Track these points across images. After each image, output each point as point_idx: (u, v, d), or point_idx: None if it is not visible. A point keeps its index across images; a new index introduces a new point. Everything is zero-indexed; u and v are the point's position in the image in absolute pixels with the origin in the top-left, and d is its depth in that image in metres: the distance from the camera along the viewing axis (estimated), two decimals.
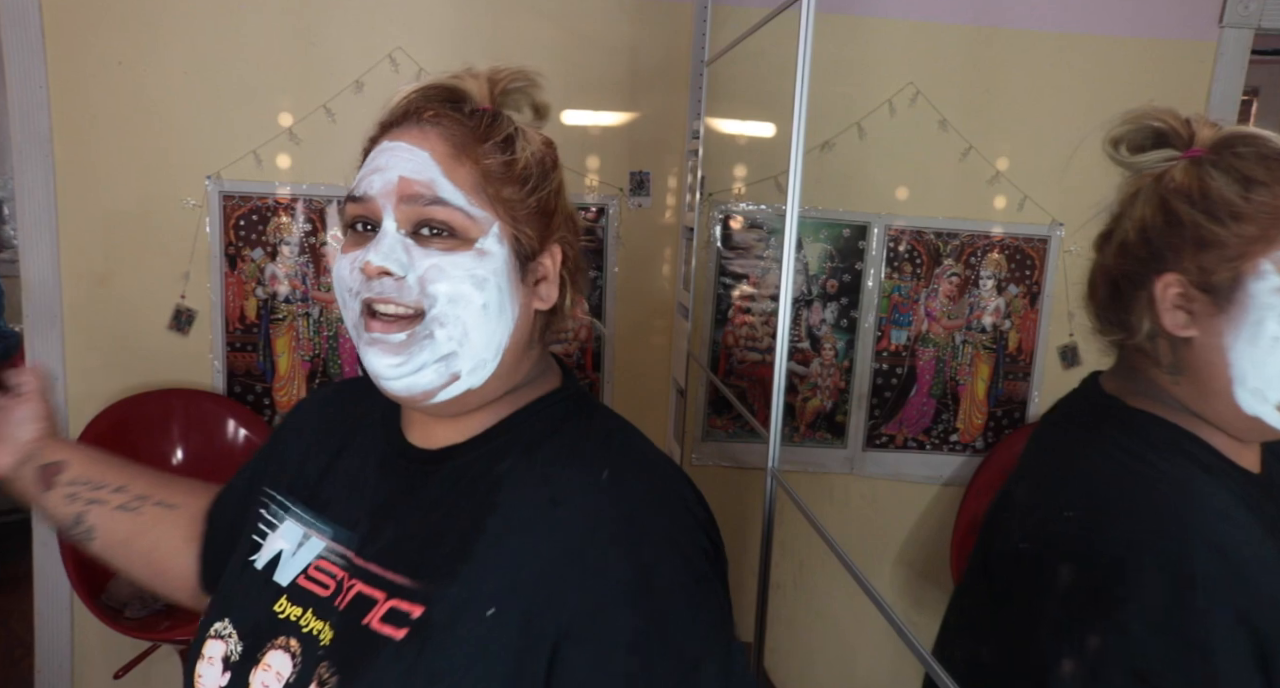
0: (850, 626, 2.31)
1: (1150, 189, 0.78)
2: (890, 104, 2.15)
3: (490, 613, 0.61)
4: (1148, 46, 2.17)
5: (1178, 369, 0.77)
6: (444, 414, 0.72)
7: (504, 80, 0.73)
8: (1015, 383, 2.29)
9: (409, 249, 0.67)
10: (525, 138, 0.71)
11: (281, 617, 0.69)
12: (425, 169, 0.67)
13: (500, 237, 0.68)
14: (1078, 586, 0.71)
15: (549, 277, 0.72)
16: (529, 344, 0.73)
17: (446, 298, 0.66)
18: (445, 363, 0.67)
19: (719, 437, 2.30)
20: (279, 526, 0.76)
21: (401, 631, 0.63)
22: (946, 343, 2.27)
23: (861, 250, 2.23)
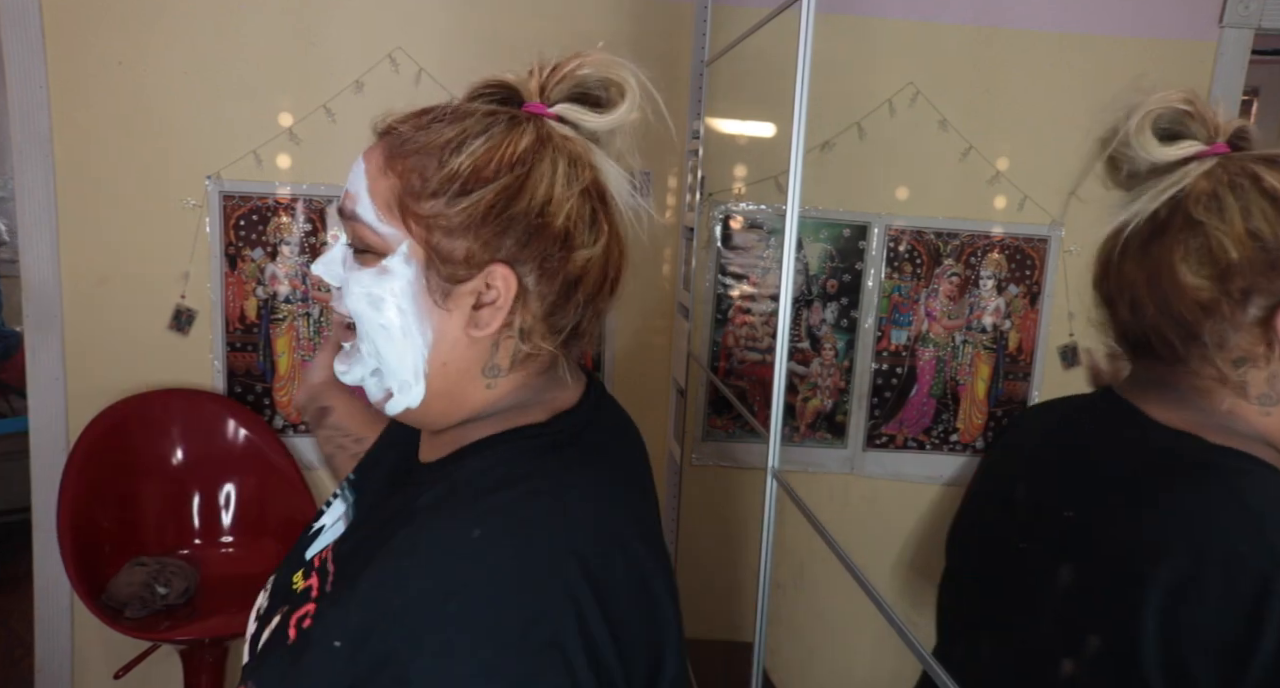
0: (850, 626, 2.31)
1: (1252, 198, 0.69)
2: (890, 104, 2.15)
3: (337, 645, 0.59)
4: (1148, 46, 2.17)
5: (1274, 401, 0.70)
6: (423, 428, 0.73)
7: (549, 74, 0.67)
8: (1015, 383, 2.29)
9: (347, 262, 0.67)
10: (467, 145, 0.63)
11: (293, 587, 0.70)
12: (358, 183, 0.66)
13: (409, 256, 0.64)
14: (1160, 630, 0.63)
15: (498, 301, 0.64)
16: (478, 369, 0.67)
17: (356, 314, 0.66)
18: (378, 378, 0.67)
19: (719, 437, 2.30)
20: (333, 503, 0.81)
21: (293, 633, 0.64)
22: (946, 343, 2.27)
23: (861, 250, 2.23)
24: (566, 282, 0.66)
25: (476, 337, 0.65)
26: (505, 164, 0.63)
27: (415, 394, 0.66)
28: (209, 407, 2.10)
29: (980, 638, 0.86)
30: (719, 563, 2.25)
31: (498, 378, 0.68)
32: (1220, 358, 0.70)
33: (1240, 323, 0.69)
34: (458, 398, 0.67)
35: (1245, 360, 0.69)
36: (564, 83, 0.67)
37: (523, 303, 0.65)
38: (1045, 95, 2.17)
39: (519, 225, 0.63)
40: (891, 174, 2.22)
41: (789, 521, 1.29)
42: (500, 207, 0.63)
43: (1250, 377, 0.69)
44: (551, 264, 0.65)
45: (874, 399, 2.28)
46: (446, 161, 0.63)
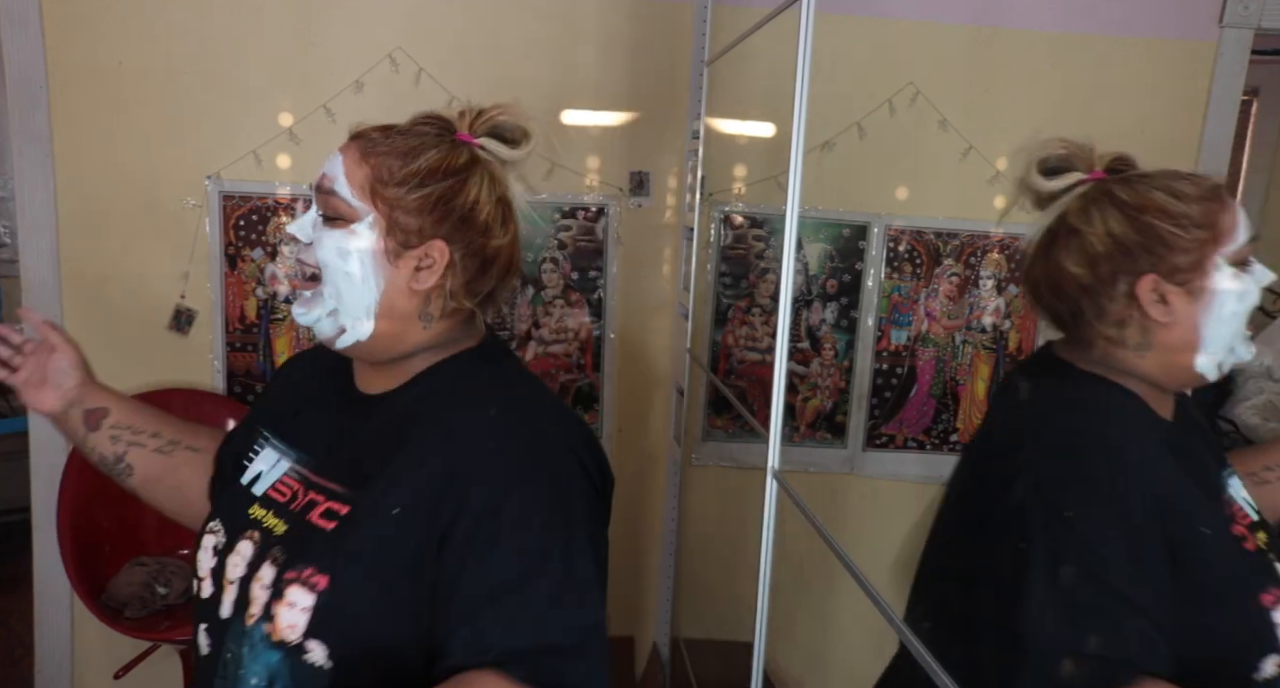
0: (850, 626, 2.30)
1: (1105, 207, 0.95)
2: (890, 104, 2.15)
3: (395, 512, 0.82)
4: (1148, 46, 2.17)
5: (1146, 347, 0.95)
6: (367, 362, 0.93)
7: (476, 116, 0.92)
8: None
9: (316, 226, 0.89)
10: (422, 155, 0.88)
11: (252, 517, 0.90)
12: (336, 168, 0.89)
13: (372, 224, 0.87)
14: (1048, 505, 0.88)
15: (433, 266, 0.88)
16: (416, 314, 0.90)
17: (324, 263, 0.87)
18: (333, 318, 0.88)
19: (719, 437, 2.29)
20: (261, 453, 0.97)
21: (332, 523, 0.84)
22: (946, 343, 2.27)
23: (861, 250, 2.23)
24: (484, 260, 0.91)
25: (416, 289, 0.88)
26: (450, 171, 0.88)
27: (365, 329, 0.88)
28: (209, 407, 2.09)
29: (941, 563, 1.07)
30: (719, 563, 2.25)
31: (431, 323, 0.91)
32: (1103, 322, 0.96)
33: (1114, 296, 0.94)
34: (400, 335, 0.90)
35: (1124, 322, 0.95)
36: (486, 123, 0.92)
37: (452, 271, 0.89)
38: (1045, 95, 2.17)
39: (455, 215, 0.89)
40: (891, 174, 2.22)
41: (789, 521, 1.29)
42: (445, 199, 0.88)
43: (1128, 333, 0.95)
44: (474, 246, 0.90)
45: (874, 399, 2.28)
46: (409, 163, 0.87)
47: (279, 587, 0.82)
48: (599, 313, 2.22)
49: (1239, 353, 0.95)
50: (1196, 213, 0.92)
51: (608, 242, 2.20)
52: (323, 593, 0.80)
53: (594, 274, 2.21)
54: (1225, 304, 0.92)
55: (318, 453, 0.92)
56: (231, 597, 0.86)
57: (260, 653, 0.81)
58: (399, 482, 0.83)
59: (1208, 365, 0.94)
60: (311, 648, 0.79)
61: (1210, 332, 0.92)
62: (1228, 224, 0.92)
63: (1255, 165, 3.95)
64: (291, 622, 0.80)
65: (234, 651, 0.84)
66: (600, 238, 2.20)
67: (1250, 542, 0.94)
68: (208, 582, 0.90)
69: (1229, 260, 0.92)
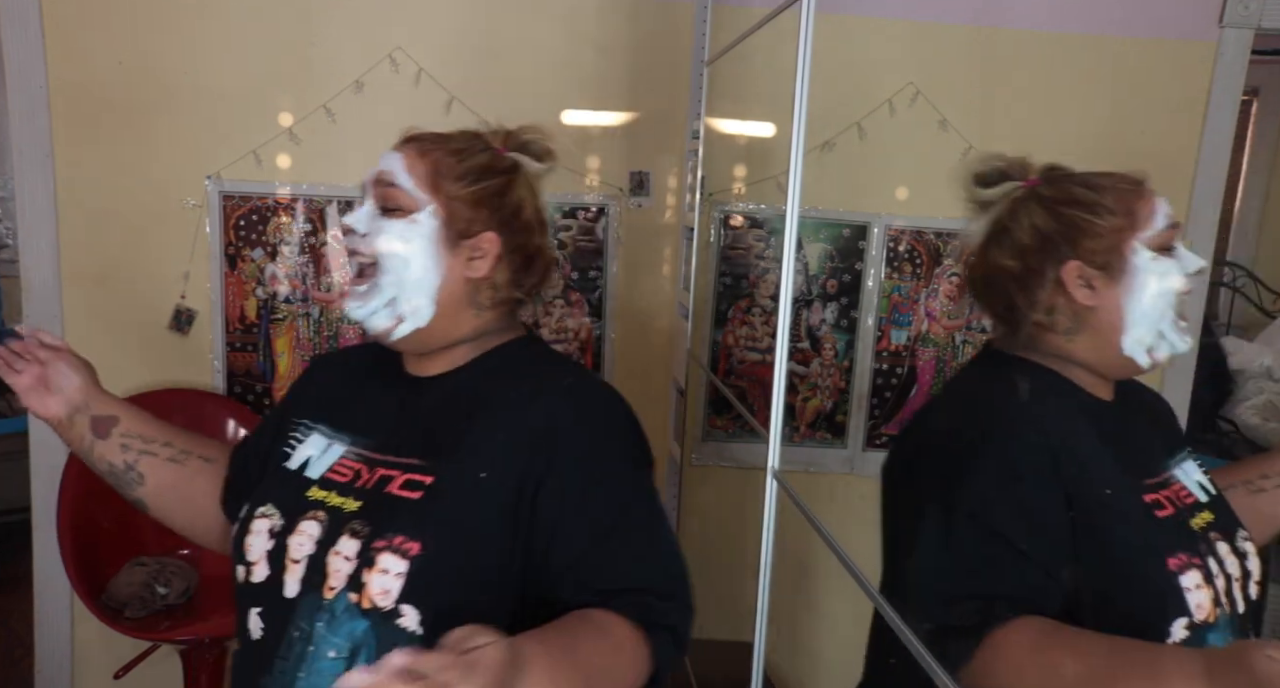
0: (850, 626, 2.30)
1: (1030, 205, 1.02)
2: (890, 104, 2.15)
3: (483, 476, 0.88)
4: (1148, 46, 2.17)
5: (1076, 330, 1.01)
6: (420, 351, 0.98)
7: (508, 134, 1.01)
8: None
9: (374, 218, 0.94)
10: (475, 156, 0.96)
11: (312, 499, 0.92)
12: (393, 163, 0.95)
13: (433, 213, 0.93)
14: (947, 463, 0.96)
15: (485, 256, 0.95)
16: (469, 301, 0.96)
17: (384, 251, 0.92)
18: (391, 307, 0.93)
19: (719, 437, 2.29)
20: (305, 440, 1.00)
21: (417, 493, 0.88)
22: (947, 343, 2.27)
23: (861, 250, 2.23)
24: (527, 256, 0.99)
25: (470, 277, 0.95)
26: (499, 171, 0.98)
27: (425, 315, 0.93)
28: (209, 407, 2.09)
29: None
30: (719, 563, 2.25)
31: (481, 311, 0.98)
32: (1035, 310, 1.01)
33: (1043, 283, 1.00)
34: (455, 320, 0.96)
35: (1053, 307, 1.00)
36: (517, 141, 1.01)
37: (501, 263, 0.97)
38: (1045, 95, 2.17)
39: (505, 211, 0.97)
40: (891, 174, 2.21)
41: (789, 521, 1.29)
42: (497, 195, 0.96)
43: (1058, 318, 1.01)
44: (519, 242, 0.98)
45: (874, 399, 2.28)
46: (465, 160, 0.95)
47: (368, 555, 0.85)
48: (599, 313, 2.22)
49: (1173, 342, 0.99)
50: (1111, 201, 0.98)
51: (608, 242, 2.20)
52: (416, 558, 0.84)
53: (594, 274, 2.21)
54: (1145, 287, 0.97)
55: (378, 433, 0.96)
56: (298, 575, 0.88)
57: (343, 624, 0.84)
58: (482, 448, 0.90)
59: (1135, 348, 0.99)
60: (405, 612, 0.83)
61: (1133, 313, 0.98)
62: (1144, 211, 0.98)
63: (1255, 165, 3.95)
64: (385, 588, 0.83)
65: (304, 627, 0.86)
66: (600, 238, 2.20)
67: (1167, 510, 0.98)
68: (261, 565, 0.91)
69: (1148, 246, 0.97)
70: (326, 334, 2.14)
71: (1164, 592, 0.90)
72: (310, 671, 0.85)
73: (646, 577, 0.87)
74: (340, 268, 2.11)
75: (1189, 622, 0.89)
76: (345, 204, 2.09)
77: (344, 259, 2.11)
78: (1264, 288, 3.69)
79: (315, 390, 1.08)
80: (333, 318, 2.13)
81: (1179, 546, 0.94)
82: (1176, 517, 0.98)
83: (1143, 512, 0.96)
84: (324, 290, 2.12)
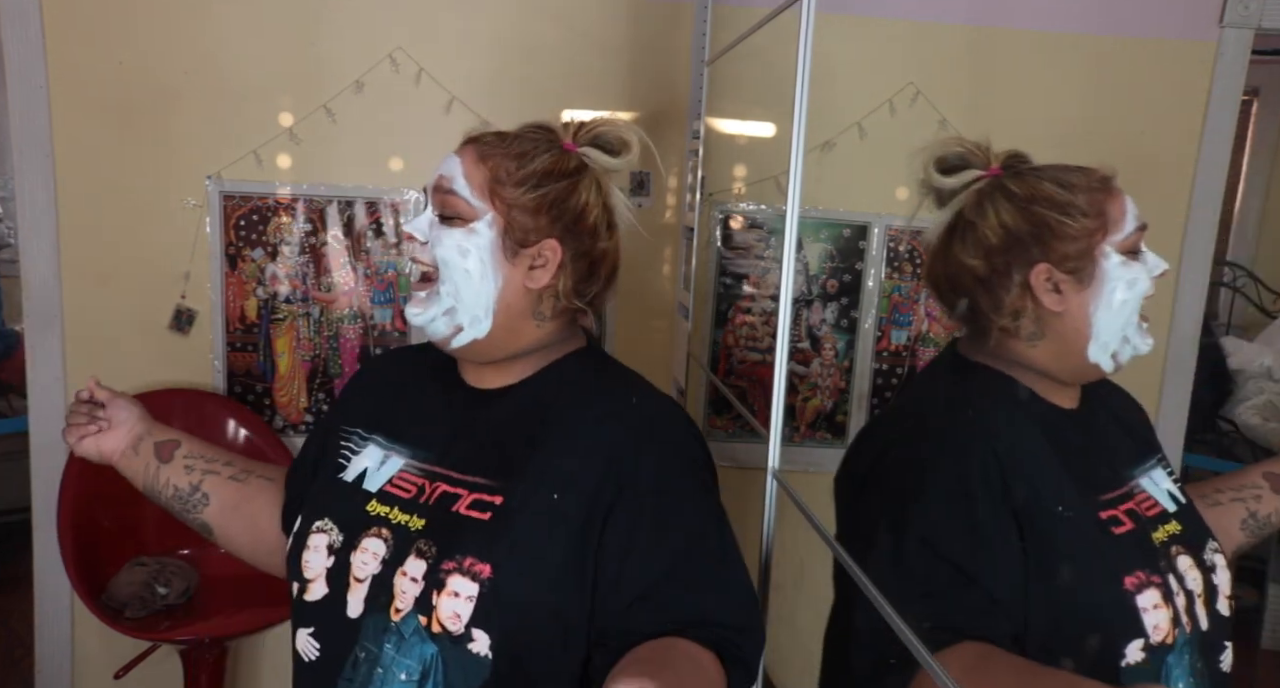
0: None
1: (998, 200, 0.97)
2: (890, 104, 2.15)
3: (555, 497, 0.85)
4: (1148, 46, 2.17)
5: (1039, 336, 0.97)
6: (479, 361, 0.95)
7: (579, 127, 0.96)
8: None
9: (433, 226, 0.92)
10: (536, 158, 0.91)
11: (373, 514, 0.90)
12: (454, 169, 0.91)
13: (491, 223, 0.90)
14: (898, 483, 0.94)
15: (546, 265, 0.91)
16: (531, 312, 0.93)
17: (443, 260, 0.90)
18: (450, 316, 0.90)
19: (719, 437, 2.29)
20: (361, 451, 0.97)
21: (486, 514, 0.86)
22: (947, 343, 2.27)
23: (861, 250, 2.23)
24: (592, 262, 0.94)
25: (530, 287, 0.91)
26: (563, 173, 0.92)
27: (484, 327, 0.91)
28: (209, 407, 2.10)
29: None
30: None
31: (544, 322, 0.94)
32: (999, 314, 0.97)
33: (1009, 286, 0.96)
34: (515, 332, 0.93)
35: (1017, 312, 0.96)
36: (589, 134, 0.95)
37: (564, 271, 0.92)
38: (1045, 95, 2.17)
39: (568, 216, 0.92)
40: (891, 174, 2.21)
41: (789, 521, 1.29)
42: (559, 201, 0.91)
43: (1022, 323, 0.96)
44: (583, 248, 0.93)
45: (874, 399, 2.28)
46: (525, 165, 0.90)
47: (437, 577, 0.83)
48: (599, 313, 2.22)
49: (1135, 344, 0.96)
50: (1084, 202, 0.94)
51: None
52: (486, 581, 0.82)
53: None
54: (1115, 292, 0.93)
55: (436, 447, 0.94)
56: (362, 595, 0.86)
57: (413, 646, 0.82)
58: (553, 467, 0.87)
59: (1100, 354, 0.95)
60: (476, 637, 0.81)
61: (1100, 320, 0.94)
62: (1116, 213, 0.94)
63: (1255, 165, 3.95)
64: (455, 611, 0.82)
65: (371, 649, 0.84)
66: None
67: (1126, 526, 0.94)
68: (319, 583, 0.90)
69: (1118, 249, 0.94)
70: (327, 334, 2.13)
71: (1119, 613, 0.88)
72: None
73: (722, 609, 0.84)
74: (340, 268, 2.11)
75: (1145, 644, 0.87)
76: (345, 204, 2.09)
77: (344, 259, 2.11)
78: (1264, 288, 3.69)
79: (368, 397, 1.04)
80: (333, 318, 2.13)
81: (1137, 563, 0.91)
82: (1137, 532, 0.94)
83: (1098, 529, 0.92)
84: (324, 290, 2.12)
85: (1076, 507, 0.92)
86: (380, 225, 2.11)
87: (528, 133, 0.94)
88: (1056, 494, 0.91)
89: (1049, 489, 0.91)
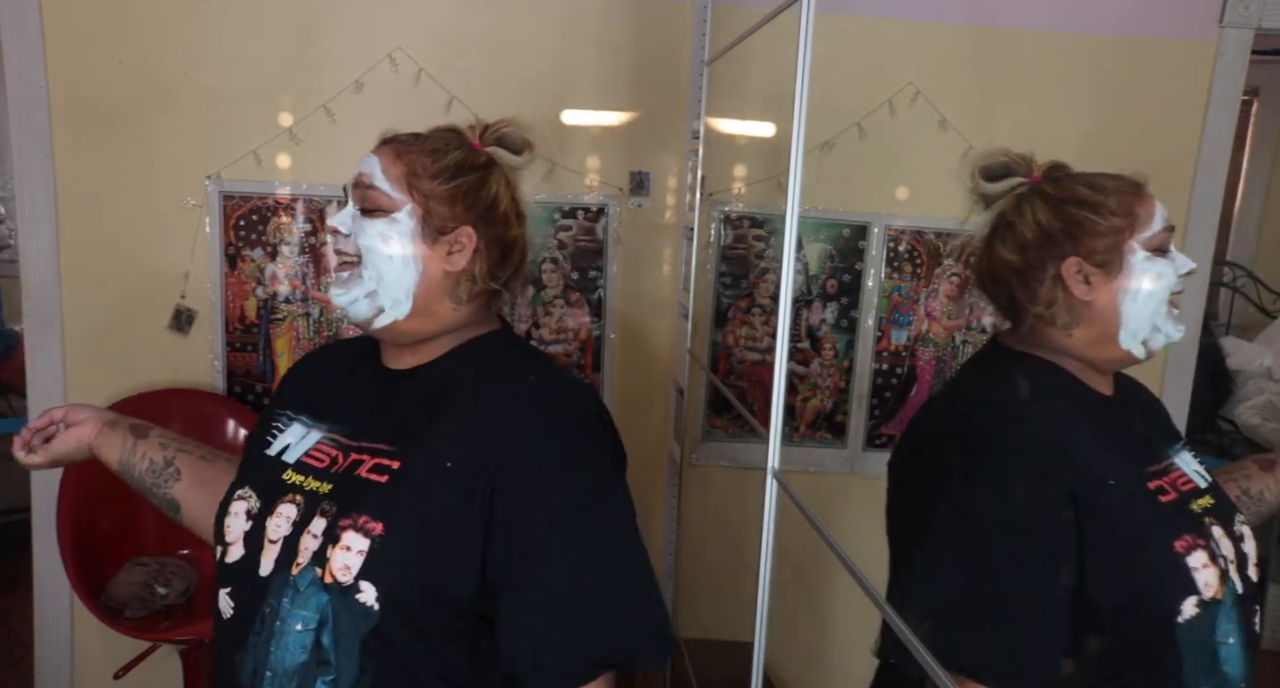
0: (850, 626, 2.30)
1: (1035, 201, 1.06)
2: (890, 104, 2.15)
3: (449, 466, 0.90)
4: (1148, 46, 2.17)
5: (1074, 324, 1.04)
6: (400, 343, 1.01)
7: (485, 129, 1.04)
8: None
9: (356, 219, 0.99)
10: (449, 154, 0.99)
11: (289, 482, 0.96)
12: (371, 166, 0.99)
13: (410, 212, 0.97)
14: (954, 464, 0.99)
15: (463, 250, 0.98)
16: (448, 294, 0.99)
17: (367, 248, 0.97)
18: (371, 299, 0.97)
19: (719, 437, 2.29)
20: (286, 429, 1.04)
21: (384, 477, 0.91)
22: (947, 343, 2.27)
23: (861, 250, 2.23)
24: (504, 247, 1.02)
25: (449, 271, 0.98)
26: (474, 167, 1.01)
27: (404, 308, 0.97)
28: (209, 407, 2.10)
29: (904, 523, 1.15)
30: (719, 563, 2.25)
31: (460, 305, 1.00)
32: (1035, 303, 1.06)
33: (1043, 278, 1.05)
34: (433, 313, 0.99)
35: (1052, 301, 1.04)
36: (494, 135, 1.03)
37: (479, 256, 0.99)
38: (1045, 95, 2.17)
39: (480, 205, 1.00)
40: (891, 174, 2.21)
41: (789, 521, 1.29)
42: (472, 190, 0.99)
43: (1056, 312, 1.04)
44: (496, 234, 1.01)
45: (874, 399, 2.28)
46: (439, 159, 0.98)
47: (333, 533, 0.89)
48: (599, 313, 2.22)
49: (1168, 332, 1.03)
50: (1113, 203, 1.02)
51: (608, 242, 2.20)
52: (377, 538, 0.87)
53: (594, 274, 2.21)
54: (1141, 285, 1.01)
55: (352, 421, 1.00)
56: (274, 554, 0.92)
57: (309, 597, 0.88)
58: (448, 437, 0.93)
59: (1131, 341, 1.03)
60: (364, 588, 0.87)
61: (1128, 309, 1.02)
62: (1144, 214, 1.02)
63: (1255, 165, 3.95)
64: (345, 564, 0.87)
65: (273, 604, 0.90)
66: (600, 238, 2.20)
67: (1170, 495, 1.02)
68: (237, 545, 0.96)
69: (1145, 246, 1.01)
70: (327, 334, 2.14)
71: (1173, 572, 0.94)
72: (280, 645, 0.89)
73: (603, 594, 0.90)
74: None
75: (1199, 600, 0.94)
76: (345, 204, 2.09)
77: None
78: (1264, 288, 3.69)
79: (299, 384, 1.11)
80: (333, 318, 2.13)
81: (1184, 528, 0.98)
82: (1179, 501, 1.02)
83: (1147, 498, 1.00)
84: (324, 290, 2.12)
85: (1125, 477, 1.00)
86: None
87: (438, 133, 1.02)
88: (1105, 468, 0.99)
89: (1098, 464, 0.99)
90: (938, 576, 0.97)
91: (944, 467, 1.01)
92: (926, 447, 1.10)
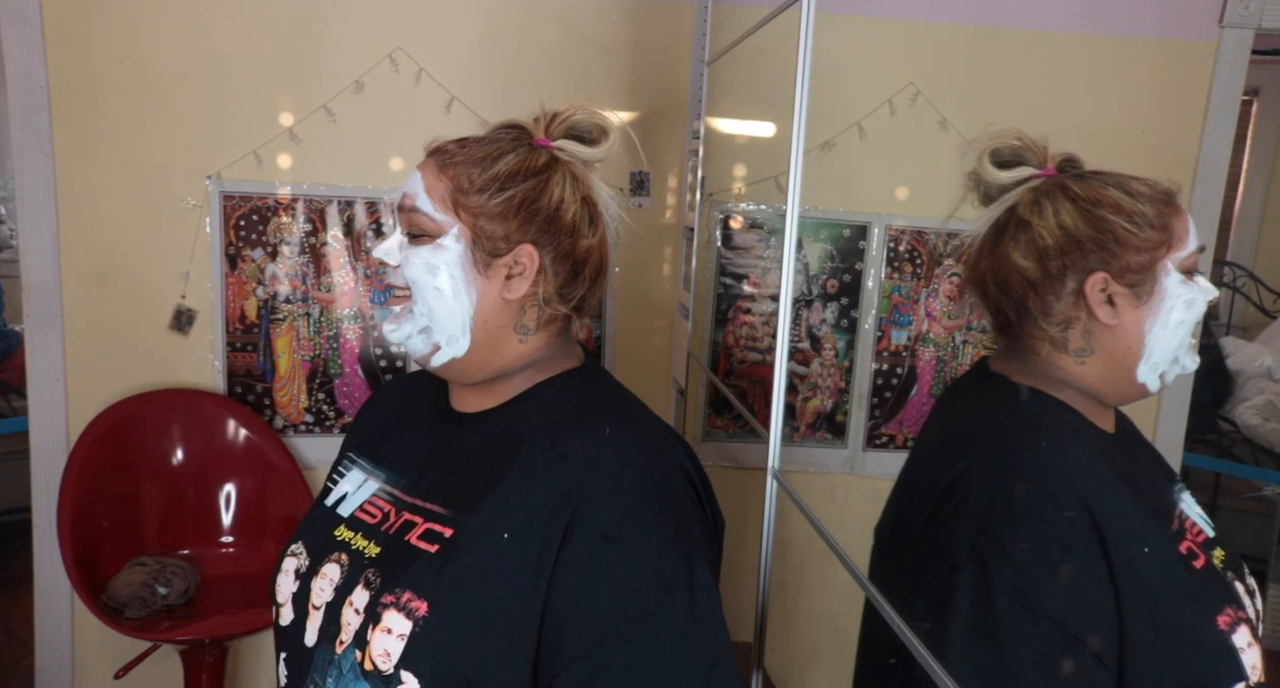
0: (850, 626, 2.30)
1: (1058, 199, 0.91)
2: (890, 104, 2.15)
3: (505, 537, 0.78)
4: (1148, 46, 2.17)
5: (1088, 352, 0.91)
6: (464, 382, 0.89)
7: (551, 118, 0.89)
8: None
9: (403, 247, 0.87)
10: (500, 160, 0.85)
11: (339, 539, 0.87)
12: (416, 186, 0.86)
13: (458, 236, 0.84)
14: (968, 526, 0.86)
15: (524, 273, 0.85)
16: (510, 326, 0.87)
17: (413, 280, 0.85)
18: (425, 335, 0.85)
19: (719, 437, 2.29)
20: (347, 474, 0.95)
21: (434, 546, 0.80)
22: (947, 343, 2.27)
23: (861, 250, 2.23)
24: (574, 262, 0.88)
25: (509, 299, 0.85)
26: (530, 172, 0.85)
27: (461, 346, 0.85)
28: (209, 407, 2.10)
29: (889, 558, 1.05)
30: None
31: (527, 335, 0.88)
32: (1047, 322, 0.91)
33: (1061, 293, 0.90)
34: (497, 349, 0.86)
35: (1067, 323, 0.90)
36: (562, 125, 0.88)
37: (544, 276, 0.86)
38: (1045, 95, 2.17)
39: (540, 217, 0.85)
40: (891, 174, 2.21)
41: (789, 521, 1.29)
42: (528, 202, 0.84)
43: (1070, 335, 0.91)
44: (563, 248, 0.86)
45: (874, 399, 2.28)
46: (489, 168, 0.84)
47: (375, 611, 0.78)
48: (599, 313, 2.22)
49: (1185, 364, 0.92)
50: (1151, 213, 0.89)
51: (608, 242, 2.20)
52: (421, 620, 0.76)
53: None
54: (1173, 311, 0.88)
55: (410, 473, 0.89)
56: (317, 623, 0.84)
57: (349, 683, 0.78)
58: (508, 504, 0.80)
59: (1149, 374, 0.90)
60: (405, 680, 0.75)
61: (1155, 339, 0.89)
62: (1180, 229, 0.89)
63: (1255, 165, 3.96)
64: (385, 649, 0.76)
65: (318, 680, 0.82)
66: None
67: (1200, 559, 0.89)
68: (288, 607, 0.88)
69: (1178, 267, 0.89)
70: (327, 334, 2.14)
71: (1221, 655, 0.84)
72: None
73: (672, 674, 0.75)
74: (340, 268, 2.11)
75: (1246, 686, 0.84)
76: (345, 204, 2.09)
77: (344, 259, 2.11)
78: (1264, 288, 3.69)
79: (368, 420, 1.01)
80: (333, 318, 2.13)
81: (1222, 600, 0.87)
82: (1211, 565, 0.90)
83: (1183, 568, 0.87)
84: (324, 290, 2.12)
85: (1158, 544, 0.88)
86: (380, 225, 2.11)
87: (492, 134, 0.89)
88: (1137, 533, 0.86)
89: (1130, 529, 0.85)
90: (969, 650, 0.83)
91: (960, 539, 0.86)
92: (932, 513, 0.92)
